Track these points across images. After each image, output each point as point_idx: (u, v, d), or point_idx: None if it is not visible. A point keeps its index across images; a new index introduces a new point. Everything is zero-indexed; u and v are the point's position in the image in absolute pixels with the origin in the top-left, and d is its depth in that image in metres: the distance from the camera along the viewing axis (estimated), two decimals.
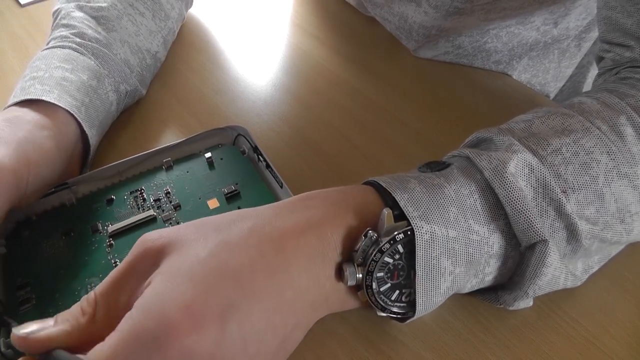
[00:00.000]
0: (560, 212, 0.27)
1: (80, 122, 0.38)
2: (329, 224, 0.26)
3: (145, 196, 0.38)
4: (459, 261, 0.27)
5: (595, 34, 0.55)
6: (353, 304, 0.29)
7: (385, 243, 0.26)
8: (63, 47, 0.42)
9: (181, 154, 0.41)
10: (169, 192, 0.38)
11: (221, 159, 0.41)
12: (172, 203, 0.37)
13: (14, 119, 0.35)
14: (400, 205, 0.26)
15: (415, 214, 0.26)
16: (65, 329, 0.24)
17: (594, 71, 0.60)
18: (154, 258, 0.25)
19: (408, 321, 0.29)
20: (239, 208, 0.37)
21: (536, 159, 0.28)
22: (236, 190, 0.38)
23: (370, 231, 0.26)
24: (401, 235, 0.26)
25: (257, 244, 0.25)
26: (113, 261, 0.34)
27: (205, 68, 0.53)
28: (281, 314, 0.24)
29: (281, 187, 0.38)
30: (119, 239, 0.35)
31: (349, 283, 0.26)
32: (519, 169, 0.27)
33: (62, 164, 0.37)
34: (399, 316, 0.28)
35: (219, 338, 0.22)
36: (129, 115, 0.48)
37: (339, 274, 0.27)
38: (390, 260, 0.26)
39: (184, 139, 0.41)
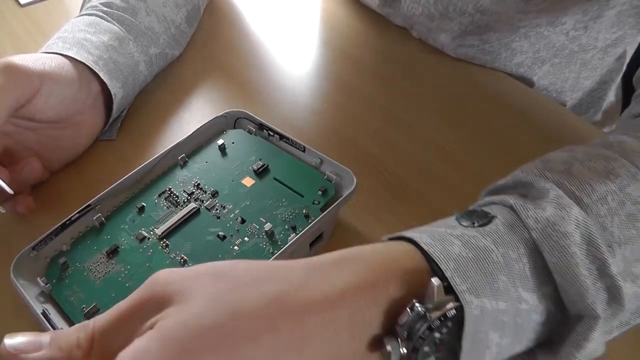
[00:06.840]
0: (603, 272, 0.24)
1: (97, 72, 0.42)
2: (366, 295, 0.23)
3: (177, 193, 0.37)
4: (507, 333, 0.24)
5: (619, 50, 0.54)
6: None
7: (436, 320, 0.23)
8: (90, 14, 0.46)
9: (190, 149, 0.40)
10: (199, 184, 0.37)
11: (232, 142, 0.40)
12: (209, 192, 0.37)
13: (40, 57, 0.39)
14: (447, 277, 0.23)
15: (464, 287, 0.23)
16: (57, 358, 0.23)
17: (615, 89, 0.59)
18: (158, 303, 0.23)
19: None
20: (275, 179, 0.37)
21: (581, 212, 0.25)
22: (264, 164, 0.38)
23: (417, 305, 0.23)
24: (453, 312, 0.23)
25: (273, 316, 0.22)
26: (178, 258, 0.33)
27: (205, 69, 0.53)
28: None
29: (304, 151, 0.39)
30: (172, 237, 0.34)
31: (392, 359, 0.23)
32: (570, 229, 0.24)
33: (79, 95, 0.41)
34: None
35: None
36: (128, 116, 0.47)
37: (378, 347, 0.23)
38: (438, 335, 0.23)
39: (187, 135, 0.40)
